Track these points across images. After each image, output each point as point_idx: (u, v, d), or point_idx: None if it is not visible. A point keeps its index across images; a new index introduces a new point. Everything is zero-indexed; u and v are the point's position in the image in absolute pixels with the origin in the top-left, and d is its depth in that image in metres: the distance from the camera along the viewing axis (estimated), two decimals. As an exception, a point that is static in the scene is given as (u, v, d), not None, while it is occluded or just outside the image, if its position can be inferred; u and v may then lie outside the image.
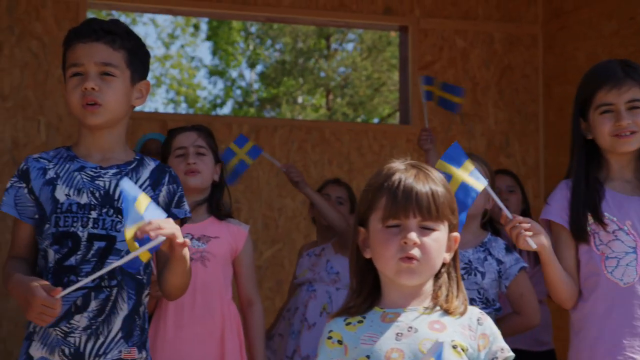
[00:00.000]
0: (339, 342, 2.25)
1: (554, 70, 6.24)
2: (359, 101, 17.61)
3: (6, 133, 5.55)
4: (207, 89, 19.76)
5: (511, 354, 2.25)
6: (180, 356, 3.56)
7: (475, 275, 3.56)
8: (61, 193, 2.80)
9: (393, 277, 2.23)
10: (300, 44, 17.66)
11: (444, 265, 2.28)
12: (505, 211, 2.92)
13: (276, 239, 6.02)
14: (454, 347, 2.17)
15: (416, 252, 2.19)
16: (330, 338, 2.26)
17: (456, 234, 2.29)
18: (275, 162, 4.86)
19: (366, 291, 2.29)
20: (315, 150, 6.12)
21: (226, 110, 18.98)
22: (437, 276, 2.27)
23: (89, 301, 2.74)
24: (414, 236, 2.19)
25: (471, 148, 6.12)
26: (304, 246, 4.95)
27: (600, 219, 2.99)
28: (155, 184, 2.88)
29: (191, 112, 19.04)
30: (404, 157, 2.35)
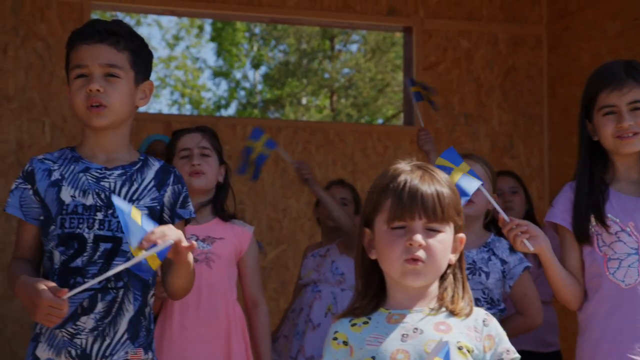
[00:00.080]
0: (345, 343, 2.24)
1: (559, 71, 6.23)
2: (363, 102, 17.60)
3: (11, 134, 5.55)
4: (211, 91, 19.75)
5: (517, 355, 2.25)
6: (186, 357, 3.56)
7: (480, 275, 3.56)
8: (66, 194, 2.79)
9: (398, 279, 2.23)
10: (304, 45, 17.66)
11: (449, 266, 2.27)
12: (502, 214, 2.93)
13: (280, 240, 6.03)
14: (459, 348, 2.17)
15: (421, 253, 2.19)
16: (335, 339, 2.26)
17: (462, 235, 2.29)
18: (287, 157, 4.86)
19: (372, 292, 2.28)
20: (319, 151, 6.12)
21: (230, 111, 18.99)
22: (442, 277, 2.27)
23: (96, 303, 2.74)
24: (419, 238, 2.19)
25: (475, 149, 6.11)
26: (309, 247, 4.94)
27: (603, 220, 2.99)
28: (160, 184, 2.88)
29: (195, 113, 19.03)
30: (409, 158, 2.34)
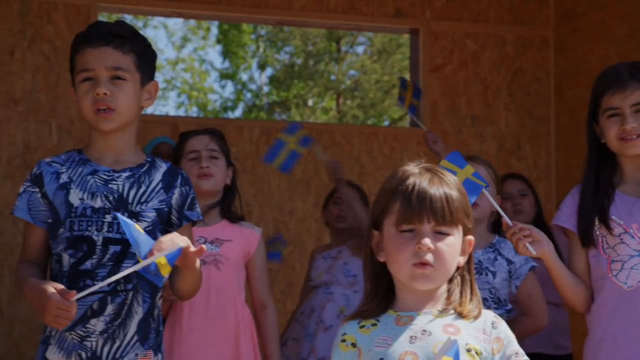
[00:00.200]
0: (353, 345, 2.24)
1: (566, 73, 6.22)
2: (369, 104, 17.60)
3: (18, 136, 5.56)
4: (218, 93, 19.74)
5: (525, 358, 2.24)
6: (195, 359, 3.56)
7: (487, 275, 3.56)
8: (75, 197, 2.80)
9: (407, 283, 2.22)
10: (311, 47, 17.66)
11: (458, 268, 2.27)
12: (505, 218, 2.94)
13: (287, 242, 6.01)
14: (468, 350, 2.16)
15: (430, 257, 2.18)
16: (344, 341, 2.25)
17: (471, 237, 2.28)
18: (322, 155, 4.86)
19: (380, 294, 2.27)
20: (325, 153, 6.10)
21: (237, 113, 18.98)
22: (451, 279, 2.27)
23: (106, 305, 2.75)
24: (427, 242, 2.18)
25: (482, 151, 6.11)
26: (316, 249, 4.93)
27: (607, 222, 2.98)
28: (167, 186, 2.88)
29: (202, 115, 19.04)
30: (418, 159, 2.32)
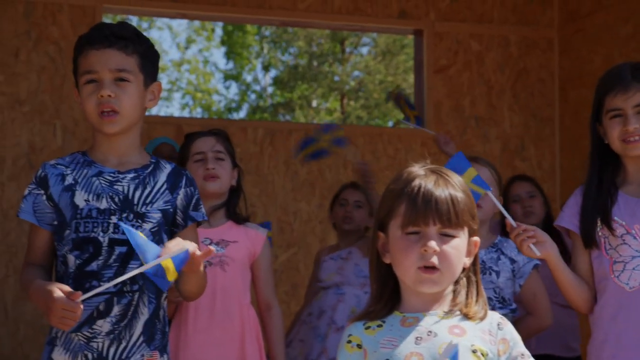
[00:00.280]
0: (359, 346, 2.23)
1: (570, 74, 6.22)
2: (373, 104, 17.59)
3: (23, 137, 5.58)
4: (222, 94, 19.74)
5: (531, 359, 2.24)
6: (201, 360, 3.58)
7: (490, 274, 3.56)
8: (80, 199, 2.80)
9: (413, 286, 2.21)
10: (315, 47, 17.67)
11: (463, 270, 2.26)
12: (509, 219, 2.94)
13: (291, 243, 6.03)
14: (473, 351, 2.15)
15: (435, 259, 2.18)
16: (349, 342, 2.24)
17: (476, 238, 2.27)
18: (355, 157, 4.87)
19: (386, 296, 2.27)
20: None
21: (241, 114, 18.98)
22: (456, 281, 2.26)
23: (112, 306, 2.75)
24: (433, 244, 2.17)
25: (486, 152, 6.11)
26: (322, 250, 4.93)
27: (609, 223, 2.97)
28: (172, 187, 2.89)
29: (206, 116, 19.04)
30: (423, 160, 2.31)
